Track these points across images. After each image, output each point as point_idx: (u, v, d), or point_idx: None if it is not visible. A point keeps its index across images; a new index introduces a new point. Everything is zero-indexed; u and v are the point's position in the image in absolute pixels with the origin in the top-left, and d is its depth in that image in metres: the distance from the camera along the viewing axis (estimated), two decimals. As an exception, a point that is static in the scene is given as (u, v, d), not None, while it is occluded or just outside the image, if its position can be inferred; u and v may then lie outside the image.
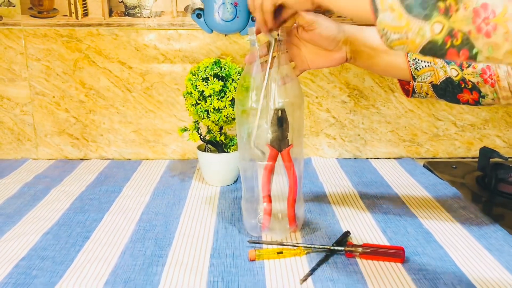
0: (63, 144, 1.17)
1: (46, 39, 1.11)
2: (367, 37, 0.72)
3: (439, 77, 0.70)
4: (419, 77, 0.71)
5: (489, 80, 0.67)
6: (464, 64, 0.68)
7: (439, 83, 0.70)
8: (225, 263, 0.70)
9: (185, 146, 1.18)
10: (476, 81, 0.68)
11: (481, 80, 0.68)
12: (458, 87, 0.70)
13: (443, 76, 0.69)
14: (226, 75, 0.93)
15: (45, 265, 0.69)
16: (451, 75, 0.69)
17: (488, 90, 0.68)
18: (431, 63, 0.70)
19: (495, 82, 0.68)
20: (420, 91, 0.73)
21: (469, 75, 0.68)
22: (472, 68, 0.68)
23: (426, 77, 0.71)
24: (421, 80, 0.71)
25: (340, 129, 1.18)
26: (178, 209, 0.89)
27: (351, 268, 0.68)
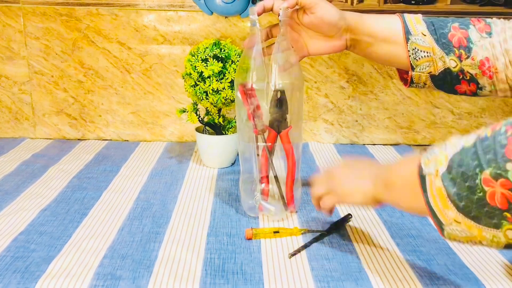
0: (61, 124, 1.17)
1: (45, 17, 1.10)
2: (368, 26, 0.72)
3: (437, 68, 0.69)
4: (418, 67, 0.71)
5: (487, 72, 0.67)
6: (463, 55, 0.68)
7: (437, 73, 0.70)
8: (222, 241, 0.70)
9: (183, 129, 1.18)
10: (474, 72, 0.68)
11: (479, 71, 0.68)
12: (456, 78, 0.70)
13: (441, 67, 0.69)
14: (225, 56, 0.93)
15: (43, 240, 0.69)
16: (450, 66, 0.69)
17: (486, 82, 0.68)
18: (430, 53, 0.69)
19: (493, 74, 0.67)
20: (418, 81, 0.73)
21: (467, 66, 0.68)
22: (471, 59, 0.67)
23: (425, 67, 0.70)
24: (420, 70, 0.71)
25: (338, 115, 1.18)
26: (175, 189, 0.89)
27: (346, 248, 0.69)
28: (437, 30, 0.69)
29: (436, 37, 0.69)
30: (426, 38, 0.69)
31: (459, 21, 0.69)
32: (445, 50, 0.68)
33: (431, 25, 0.70)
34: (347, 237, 0.72)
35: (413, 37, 0.70)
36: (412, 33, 0.70)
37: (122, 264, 0.64)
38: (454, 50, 0.68)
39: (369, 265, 0.65)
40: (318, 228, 0.74)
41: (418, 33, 0.70)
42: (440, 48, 0.69)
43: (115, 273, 0.62)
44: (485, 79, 0.68)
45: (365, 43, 0.73)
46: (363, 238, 0.72)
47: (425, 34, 0.69)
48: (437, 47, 0.69)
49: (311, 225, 0.76)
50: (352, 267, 0.64)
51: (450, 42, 0.68)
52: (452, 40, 0.68)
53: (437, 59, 0.69)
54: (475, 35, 0.68)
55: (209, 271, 0.63)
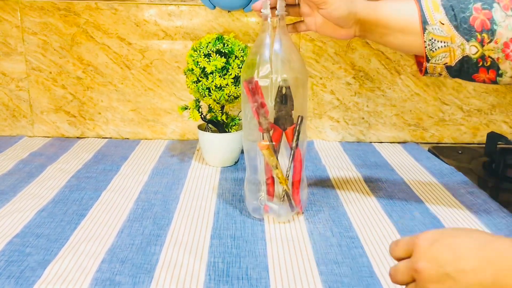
0: (60, 121, 1.14)
1: (43, 12, 1.07)
2: (382, 16, 0.68)
3: (455, 57, 0.66)
4: (434, 58, 0.67)
5: (511, 55, 0.64)
6: (486, 39, 0.64)
7: (453, 64, 0.67)
8: (226, 244, 0.67)
9: (185, 127, 1.15)
10: (496, 57, 0.64)
11: (502, 55, 0.64)
12: (475, 66, 0.66)
13: (459, 55, 0.66)
14: (229, 51, 0.90)
15: (39, 243, 0.67)
16: (470, 53, 0.65)
17: (508, 66, 0.65)
18: (448, 42, 0.66)
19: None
20: (433, 72, 0.70)
21: (489, 51, 0.64)
22: (494, 43, 0.64)
23: (441, 58, 0.67)
24: (435, 62, 0.68)
25: (344, 112, 1.15)
26: (177, 189, 0.86)
27: (356, 252, 0.66)
28: (457, 15, 0.65)
29: (456, 23, 0.65)
30: (444, 27, 0.65)
31: (481, 0, 0.65)
32: (466, 37, 0.64)
33: (451, 10, 0.65)
34: (357, 239, 0.69)
35: (430, 27, 0.66)
36: (430, 23, 0.66)
37: (122, 268, 0.61)
38: (476, 35, 0.64)
39: (381, 270, 0.62)
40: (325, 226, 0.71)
41: (436, 23, 0.66)
42: (460, 35, 0.65)
43: (114, 279, 0.59)
44: (507, 64, 0.65)
45: (379, 33, 0.70)
46: (373, 241, 0.69)
47: (444, 23, 0.65)
48: (457, 35, 0.65)
49: (318, 227, 0.73)
50: (363, 271, 0.61)
51: (471, 26, 0.64)
52: (474, 24, 0.64)
53: (456, 47, 0.65)
54: (499, 15, 0.63)
55: (213, 276, 0.60)
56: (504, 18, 0.63)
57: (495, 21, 0.63)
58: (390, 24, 0.68)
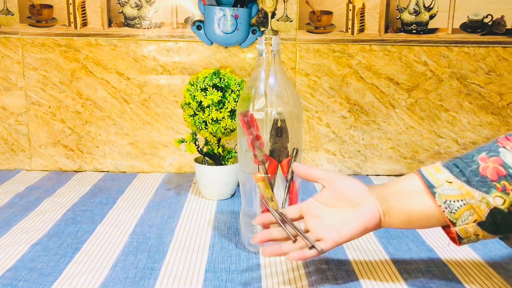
0: (58, 155, 1.15)
1: (44, 48, 1.10)
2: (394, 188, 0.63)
3: (481, 212, 0.57)
4: (459, 220, 0.58)
5: None
6: (508, 186, 0.56)
7: (484, 218, 0.57)
8: (221, 277, 0.67)
9: (182, 160, 1.16)
10: None
11: None
12: (510, 215, 0.57)
13: (486, 210, 0.57)
14: (225, 85, 0.91)
15: (32, 277, 0.66)
16: (497, 205, 0.56)
17: None
18: (466, 199, 0.57)
19: None
20: (468, 235, 0.59)
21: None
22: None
23: (467, 216, 0.58)
24: (463, 223, 0.58)
25: (340, 145, 1.16)
26: (173, 222, 0.86)
27: (352, 285, 0.65)
28: (463, 170, 0.58)
29: (465, 178, 0.58)
30: (454, 186, 0.58)
31: (484, 150, 0.59)
32: (483, 189, 0.57)
33: (455, 168, 0.59)
34: (353, 272, 0.69)
35: (438, 189, 0.59)
36: (435, 185, 0.59)
37: (114, 303, 0.60)
38: (494, 185, 0.56)
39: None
40: (320, 259, 0.71)
41: (442, 183, 0.59)
42: (476, 189, 0.57)
43: (107, 313, 0.58)
44: None
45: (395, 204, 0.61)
46: (369, 274, 0.68)
47: (451, 181, 0.58)
48: (472, 190, 0.57)
49: (314, 260, 0.72)
50: (359, 305, 0.61)
51: (485, 177, 0.57)
52: (487, 174, 0.57)
53: (477, 202, 0.57)
54: (510, 157, 0.57)
55: (207, 310, 0.59)
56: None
57: (508, 165, 0.56)
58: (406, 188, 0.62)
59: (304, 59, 1.11)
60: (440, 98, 1.14)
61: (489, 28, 1.11)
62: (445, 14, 1.10)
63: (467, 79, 1.13)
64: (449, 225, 0.59)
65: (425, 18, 1.10)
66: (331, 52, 1.11)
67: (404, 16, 1.10)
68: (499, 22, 1.11)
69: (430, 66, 1.12)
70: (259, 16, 1.09)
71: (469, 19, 1.10)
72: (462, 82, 1.13)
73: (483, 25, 1.11)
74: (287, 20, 1.10)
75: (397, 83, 1.13)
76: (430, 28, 1.11)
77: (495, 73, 1.13)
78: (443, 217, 0.59)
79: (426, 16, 1.10)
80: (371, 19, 1.10)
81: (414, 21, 1.10)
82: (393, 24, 1.10)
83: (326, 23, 1.10)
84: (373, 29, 1.10)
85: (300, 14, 1.09)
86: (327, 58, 1.11)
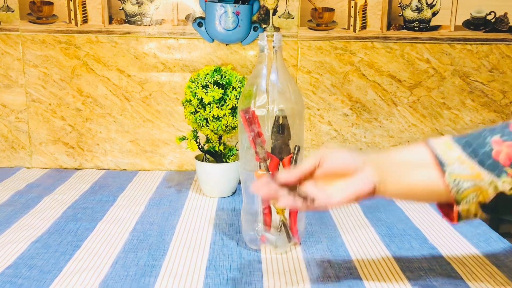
0: (58, 153, 1.14)
1: (44, 45, 1.09)
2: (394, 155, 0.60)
3: (487, 196, 0.56)
4: (464, 200, 0.57)
5: None
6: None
7: (488, 202, 0.57)
8: (222, 275, 0.66)
9: (183, 157, 1.15)
10: None
11: None
12: None
13: (492, 193, 0.56)
14: (226, 82, 0.91)
15: (32, 274, 0.65)
16: (504, 190, 0.56)
17: None
18: (476, 180, 0.56)
19: None
20: (468, 215, 0.59)
21: None
22: None
23: (472, 197, 0.57)
24: (467, 203, 0.57)
25: (342, 143, 1.15)
26: (173, 219, 0.85)
27: (355, 283, 0.65)
28: (476, 150, 0.56)
29: (477, 159, 0.56)
30: (466, 165, 0.56)
31: (497, 131, 0.56)
32: (494, 172, 0.55)
33: (467, 147, 0.57)
34: (355, 270, 0.68)
35: (449, 168, 0.56)
36: (447, 163, 0.56)
37: (115, 300, 0.60)
38: (504, 170, 0.55)
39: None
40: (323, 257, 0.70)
41: (454, 162, 0.56)
42: (487, 172, 0.55)
43: (107, 311, 0.57)
44: None
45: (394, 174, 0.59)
46: (371, 272, 0.68)
47: (463, 160, 0.56)
48: (483, 171, 0.55)
49: (316, 258, 0.72)
50: (361, 303, 0.60)
51: (497, 162, 0.55)
52: (499, 159, 0.55)
53: (486, 185, 0.56)
54: None
55: (208, 308, 0.58)
56: None
57: None
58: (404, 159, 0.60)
59: (305, 56, 1.10)
60: (443, 96, 1.13)
61: (492, 25, 1.10)
62: (448, 11, 1.09)
63: (470, 77, 1.12)
64: (447, 203, 0.59)
65: (428, 15, 1.10)
66: (333, 49, 1.10)
67: (407, 13, 1.09)
68: (502, 19, 1.10)
69: (432, 64, 1.11)
70: (261, 13, 1.08)
71: (472, 16, 1.10)
72: (465, 80, 1.13)
73: (486, 22, 1.10)
74: (288, 17, 1.09)
75: (399, 81, 1.12)
76: (432, 25, 1.10)
77: (498, 71, 1.12)
78: (448, 196, 0.57)
79: (429, 13, 1.10)
80: (373, 16, 1.09)
81: (416, 18, 1.10)
82: (396, 21, 1.10)
83: (328, 20, 1.09)
84: (375, 26, 1.09)
85: (301, 11, 1.09)
86: (329, 56, 1.10)
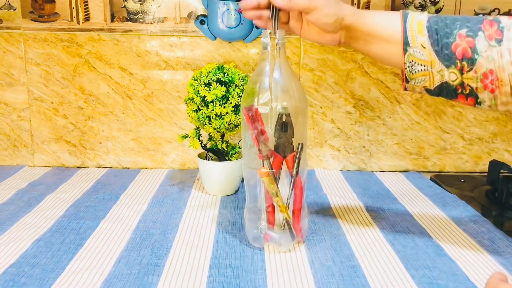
0: (60, 151, 1.14)
1: (46, 43, 1.09)
2: (367, 24, 0.68)
3: (434, 82, 0.65)
4: (413, 80, 0.67)
5: (489, 86, 0.62)
6: (466, 68, 0.63)
7: (433, 88, 0.66)
8: (225, 273, 0.66)
9: (185, 156, 1.15)
10: (475, 86, 0.63)
11: (481, 85, 0.63)
12: (454, 92, 0.65)
13: (438, 81, 0.65)
14: (229, 80, 0.90)
15: (35, 273, 0.65)
16: (449, 79, 0.64)
17: (486, 96, 0.64)
18: (428, 66, 0.65)
19: (495, 88, 0.62)
20: (413, 91, 0.70)
21: (468, 79, 0.63)
22: (474, 72, 0.63)
23: (420, 81, 0.66)
24: (415, 84, 0.67)
25: (345, 141, 1.15)
26: (176, 218, 0.85)
27: (359, 281, 0.64)
28: (440, 39, 0.64)
29: (437, 48, 0.64)
30: (425, 51, 0.64)
31: (468, 26, 0.64)
32: (445, 63, 0.64)
33: (435, 34, 0.64)
34: (359, 268, 0.68)
35: (411, 49, 0.65)
36: (411, 45, 0.65)
37: (118, 299, 0.59)
38: (456, 62, 0.63)
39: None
40: (326, 256, 0.70)
41: (417, 45, 0.65)
42: (440, 61, 0.64)
43: (110, 309, 0.57)
44: (485, 94, 0.63)
45: (363, 40, 0.70)
46: (375, 270, 0.67)
47: (425, 47, 0.64)
48: (437, 60, 0.64)
49: (319, 257, 0.71)
50: (366, 302, 0.60)
51: (453, 53, 0.63)
52: (456, 51, 0.63)
53: (435, 72, 0.65)
54: (482, 44, 0.62)
55: (211, 307, 0.58)
56: (487, 48, 0.62)
57: (477, 50, 0.62)
58: (374, 31, 0.68)
59: (308, 54, 1.10)
60: (446, 93, 1.13)
61: (496, 22, 1.09)
62: (452, 8, 1.09)
63: (474, 74, 1.12)
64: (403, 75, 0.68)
65: (431, 12, 1.09)
66: (336, 47, 1.10)
67: (410, 10, 1.09)
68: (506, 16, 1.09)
69: (436, 61, 1.11)
70: (263, 11, 1.08)
71: (475, 13, 1.09)
72: (469, 77, 1.12)
73: (490, 19, 1.09)
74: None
75: (403, 78, 1.11)
76: (436, 22, 1.09)
77: (502, 68, 1.11)
78: (402, 71, 0.68)
79: (432, 10, 1.09)
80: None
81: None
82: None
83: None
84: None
85: (304, 9, 1.08)
86: (332, 53, 1.10)
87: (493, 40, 0.62)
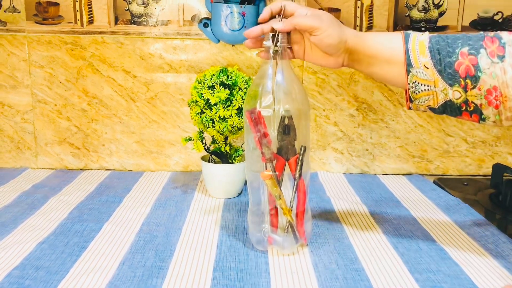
0: (64, 153, 1.14)
1: (50, 46, 1.09)
2: (369, 46, 0.69)
3: (437, 101, 0.66)
4: (417, 100, 0.67)
5: (494, 102, 0.63)
6: (469, 85, 0.63)
7: (437, 106, 0.67)
8: (229, 276, 0.66)
9: (189, 158, 1.15)
10: (479, 103, 0.64)
11: (485, 102, 0.63)
12: (458, 110, 0.66)
13: (442, 100, 0.65)
14: (232, 83, 0.90)
15: (39, 275, 0.65)
16: (453, 98, 0.65)
17: (491, 112, 0.64)
18: (431, 86, 0.65)
19: (500, 104, 0.63)
20: (417, 110, 0.70)
21: (472, 96, 0.64)
22: (477, 89, 0.63)
23: (424, 100, 0.67)
24: (419, 103, 0.68)
25: (348, 144, 1.15)
26: (180, 220, 0.85)
27: (363, 284, 0.64)
28: (442, 59, 0.64)
29: (440, 67, 0.64)
30: (428, 72, 0.65)
31: (469, 44, 0.64)
32: (449, 82, 0.64)
33: (437, 54, 0.65)
34: (363, 271, 0.68)
35: (414, 70, 0.66)
36: (414, 66, 0.66)
37: (122, 301, 0.59)
38: (459, 80, 0.64)
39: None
40: (330, 259, 0.70)
41: (420, 66, 0.65)
42: (443, 80, 0.64)
43: (114, 312, 0.57)
44: (490, 110, 0.64)
45: (366, 62, 0.70)
46: (379, 273, 0.67)
47: (428, 67, 0.65)
48: (440, 79, 0.64)
49: (323, 260, 0.71)
50: (370, 305, 0.60)
51: (456, 72, 0.64)
52: (459, 70, 0.64)
53: (439, 91, 0.65)
54: (485, 62, 0.63)
55: (215, 310, 0.58)
56: (489, 65, 0.62)
57: (479, 68, 0.63)
58: (376, 53, 0.68)
59: (311, 57, 1.10)
60: (449, 96, 1.13)
61: (499, 25, 1.09)
62: (455, 11, 1.09)
63: (477, 77, 1.12)
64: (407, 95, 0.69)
65: (434, 15, 1.09)
66: (339, 50, 1.10)
67: (413, 14, 1.09)
68: (509, 19, 1.09)
69: (439, 64, 1.11)
70: (266, 14, 1.08)
71: (479, 16, 1.09)
72: (472, 80, 1.12)
73: (493, 22, 1.09)
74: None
75: (406, 81, 1.11)
76: (439, 26, 1.09)
77: (505, 71, 1.11)
78: (406, 91, 0.68)
79: (435, 14, 1.09)
80: (380, 16, 1.09)
81: (423, 19, 1.09)
82: (402, 22, 1.09)
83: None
84: (382, 26, 1.09)
85: (307, 12, 1.08)
86: (335, 56, 1.10)
87: (495, 56, 0.63)
